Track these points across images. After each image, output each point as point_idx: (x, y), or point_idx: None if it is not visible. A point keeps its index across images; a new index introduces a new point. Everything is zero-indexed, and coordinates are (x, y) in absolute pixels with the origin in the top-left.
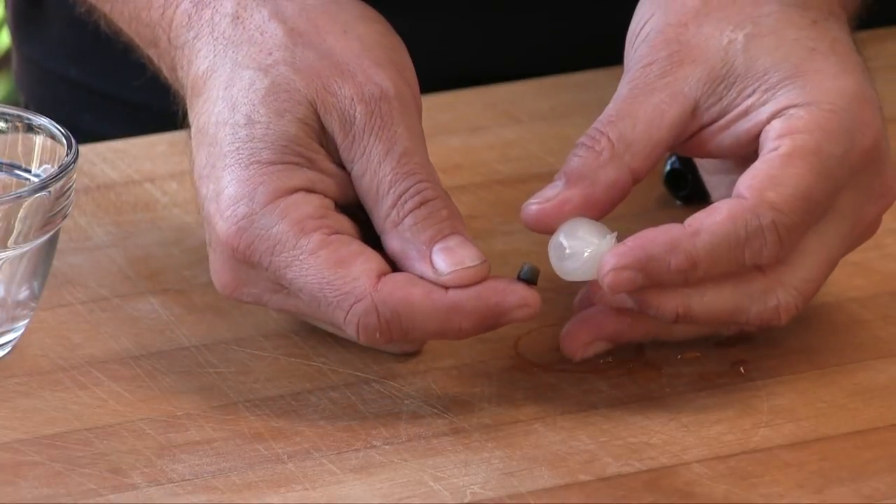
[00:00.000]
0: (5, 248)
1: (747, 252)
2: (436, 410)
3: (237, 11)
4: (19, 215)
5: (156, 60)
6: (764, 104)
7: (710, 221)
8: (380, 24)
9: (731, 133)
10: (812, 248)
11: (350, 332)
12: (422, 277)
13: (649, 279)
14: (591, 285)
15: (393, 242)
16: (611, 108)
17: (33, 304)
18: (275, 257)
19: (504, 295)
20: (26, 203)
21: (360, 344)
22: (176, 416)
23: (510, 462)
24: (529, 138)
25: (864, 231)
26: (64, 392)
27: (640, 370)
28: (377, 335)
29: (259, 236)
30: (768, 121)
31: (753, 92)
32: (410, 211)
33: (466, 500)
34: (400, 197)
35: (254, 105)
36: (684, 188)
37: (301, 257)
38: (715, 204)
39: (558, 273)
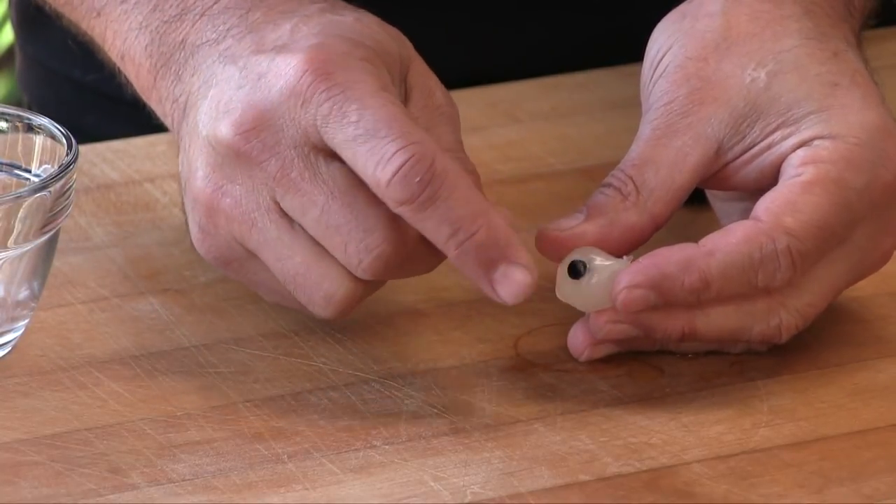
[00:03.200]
0: (5, 248)
1: (760, 275)
2: (436, 410)
3: None
4: (19, 215)
5: (156, 39)
6: (788, 137)
7: (724, 242)
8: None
9: (755, 167)
10: (820, 274)
11: (391, 166)
12: None
13: (662, 298)
14: (592, 316)
15: None
16: (634, 151)
17: (33, 304)
18: (350, 87)
19: (520, 250)
20: (26, 203)
21: (383, 192)
22: (176, 416)
23: (510, 462)
24: (530, 138)
25: (875, 263)
26: (64, 392)
27: (640, 370)
28: (416, 180)
29: (344, 67)
30: (793, 150)
31: (777, 128)
32: (469, 171)
33: (466, 500)
34: (459, 160)
35: (365, 21)
36: None
37: (375, 102)
38: (731, 225)
39: (574, 302)
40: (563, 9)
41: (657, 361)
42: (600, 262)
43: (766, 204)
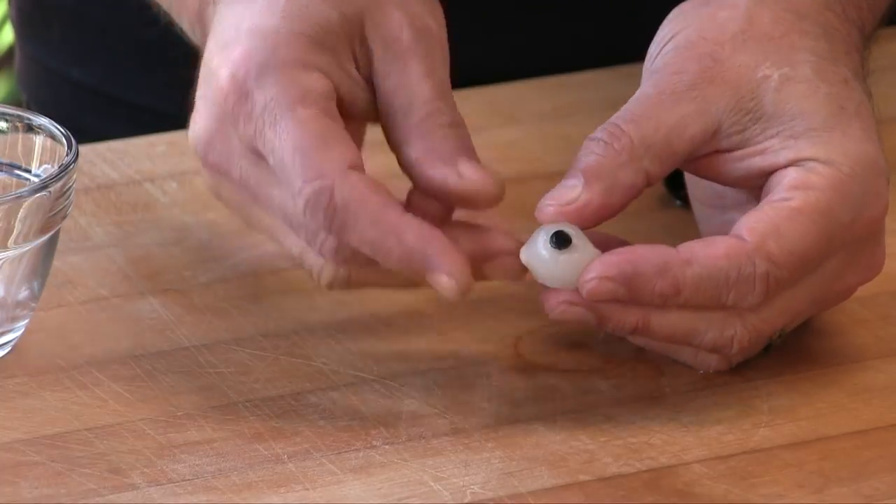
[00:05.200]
0: (5, 248)
1: (733, 294)
2: (436, 410)
3: None
4: (19, 215)
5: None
6: (784, 148)
7: (704, 254)
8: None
9: (744, 166)
10: (784, 294)
11: (299, 203)
12: (442, 183)
13: (629, 295)
14: (549, 294)
15: (417, 148)
16: (633, 107)
17: (33, 304)
18: (268, 108)
19: (440, 255)
20: (26, 203)
21: (299, 225)
22: (176, 416)
23: (510, 462)
24: (530, 138)
25: (837, 295)
26: (64, 392)
27: (640, 370)
28: (321, 217)
29: (263, 87)
30: (785, 165)
31: (777, 134)
32: (442, 126)
33: (466, 500)
34: (435, 111)
35: None
36: (684, 188)
37: (289, 120)
38: (713, 238)
39: (539, 270)
40: (564, 9)
41: (657, 361)
42: (580, 239)
43: (752, 223)
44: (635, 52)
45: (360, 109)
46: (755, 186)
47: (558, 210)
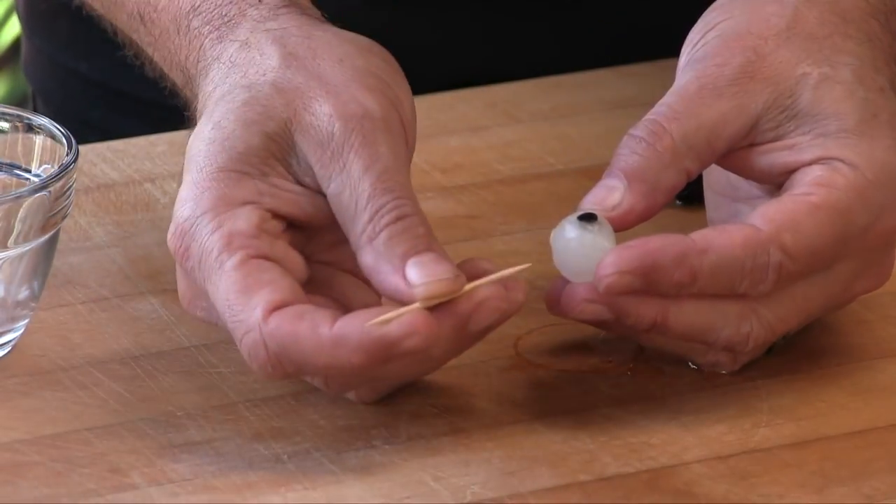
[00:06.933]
0: (5, 248)
1: (746, 282)
2: (436, 410)
3: (247, 38)
4: (19, 215)
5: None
6: (813, 146)
7: (720, 243)
8: (381, 57)
9: (769, 160)
10: (798, 293)
11: (244, 349)
12: (395, 292)
13: (647, 286)
14: (568, 289)
15: (367, 258)
16: (674, 101)
17: (33, 304)
18: (202, 266)
19: (389, 327)
20: (26, 203)
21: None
22: (176, 416)
23: (510, 462)
24: (530, 138)
25: (845, 301)
26: (64, 392)
27: (640, 370)
28: (268, 368)
29: (195, 241)
30: (810, 163)
31: (809, 132)
32: (387, 225)
33: (466, 500)
34: (377, 211)
35: (225, 114)
36: (684, 188)
37: (217, 272)
38: (727, 226)
39: (565, 247)
40: (564, 9)
41: (657, 361)
42: (606, 227)
43: (770, 213)
44: (635, 52)
45: (315, 219)
46: (776, 183)
47: (607, 217)
